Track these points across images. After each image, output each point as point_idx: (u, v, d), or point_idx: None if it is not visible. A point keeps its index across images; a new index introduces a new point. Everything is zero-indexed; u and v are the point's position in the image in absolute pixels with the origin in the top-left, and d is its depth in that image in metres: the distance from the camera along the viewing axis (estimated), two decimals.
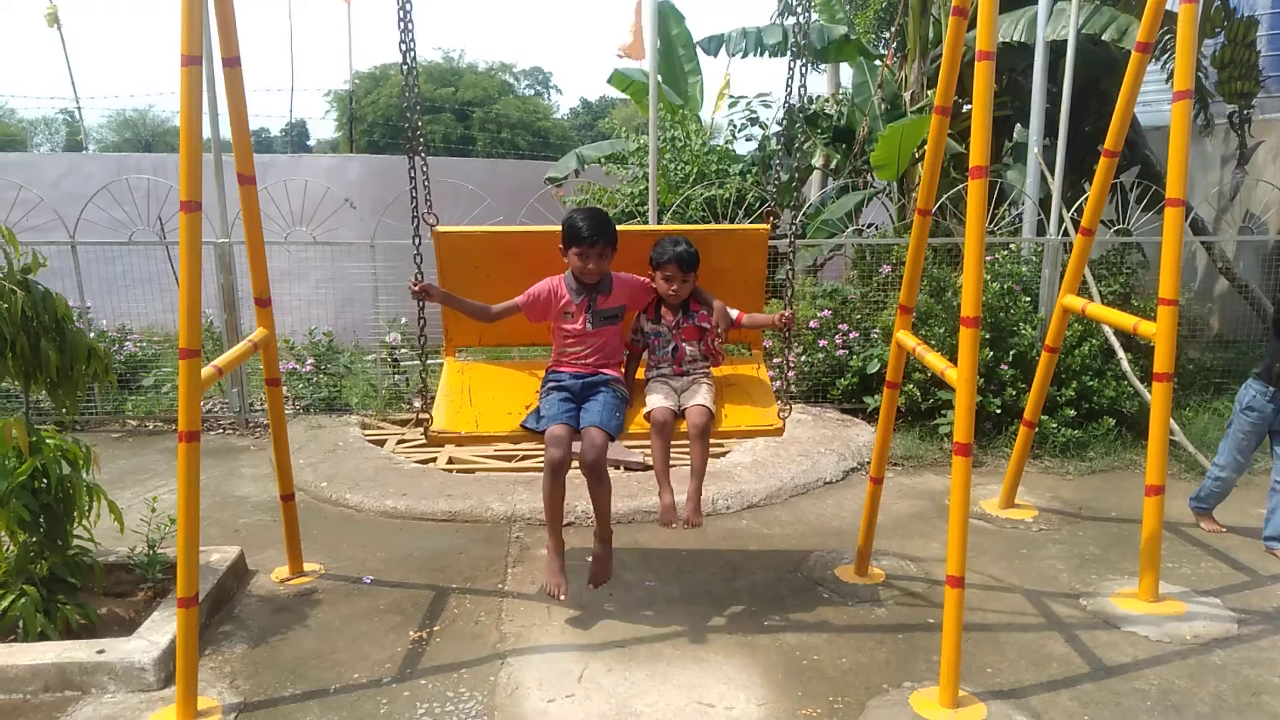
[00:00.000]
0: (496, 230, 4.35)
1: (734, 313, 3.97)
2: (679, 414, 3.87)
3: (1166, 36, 7.81)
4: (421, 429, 3.86)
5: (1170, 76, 8.39)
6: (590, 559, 4.03)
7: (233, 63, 3.64)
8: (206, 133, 6.44)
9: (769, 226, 4.19)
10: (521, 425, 3.86)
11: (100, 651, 3.39)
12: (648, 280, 4.02)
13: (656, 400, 3.88)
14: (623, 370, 4.09)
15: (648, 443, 3.93)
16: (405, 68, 3.54)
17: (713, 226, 6.11)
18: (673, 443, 3.90)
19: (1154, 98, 9.25)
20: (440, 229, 3.99)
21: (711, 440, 3.97)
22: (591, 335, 3.94)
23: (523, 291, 3.95)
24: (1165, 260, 3.74)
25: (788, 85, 3.76)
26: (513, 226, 4.94)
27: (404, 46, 3.49)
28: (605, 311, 3.95)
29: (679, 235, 3.96)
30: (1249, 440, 4.83)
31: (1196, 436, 6.32)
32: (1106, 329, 6.62)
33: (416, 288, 3.74)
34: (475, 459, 6.29)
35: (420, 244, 3.67)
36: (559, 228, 3.92)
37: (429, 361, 4.11)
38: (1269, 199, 8.13)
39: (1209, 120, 8.78)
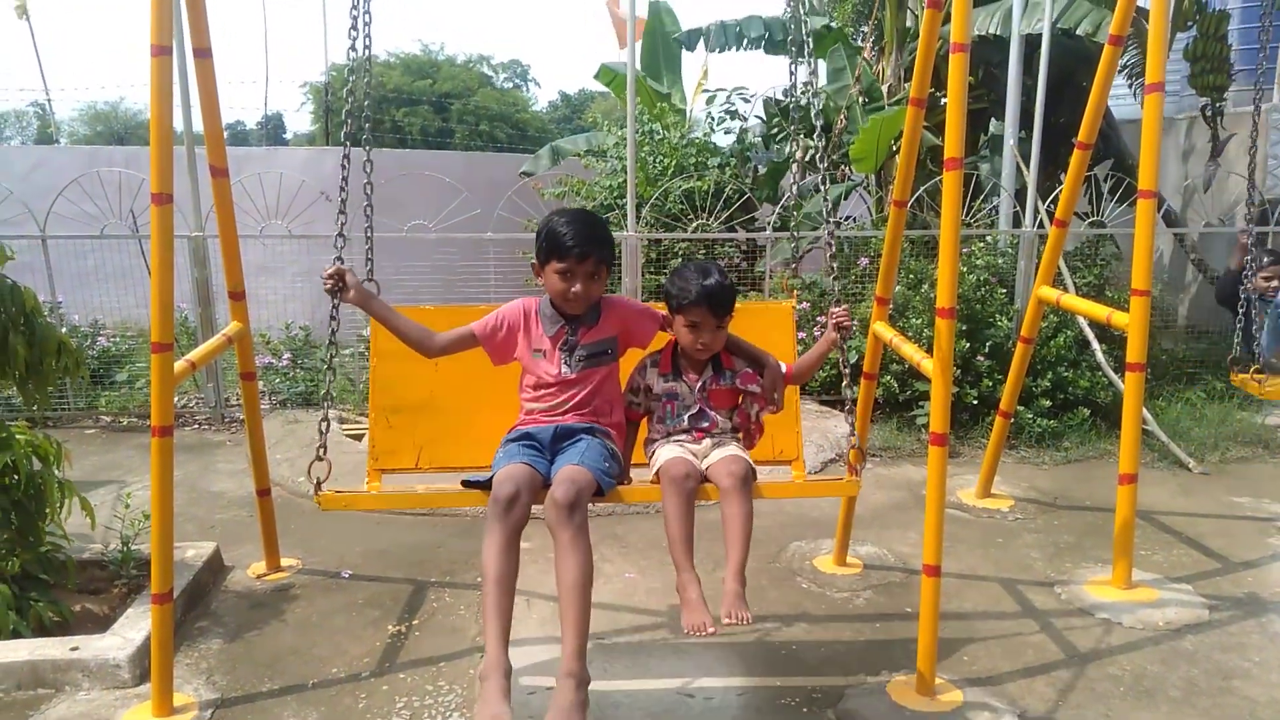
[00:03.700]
0: (450, 308, 3.51)
1: (782, 366, 3.07)
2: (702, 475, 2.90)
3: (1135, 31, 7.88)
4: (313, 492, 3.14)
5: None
6: (554, 700, 2.47)
7: (204, 54, 3.60)
8: (179, 125, 6.40)
9: (794, 300, 3.66)
10: (463, 481, 2.95)
11: (74, 649, 3.36)
12: (653, 308, 3.08)
13: (671, 451, 2.92)
14: (620, 435, 3.09)
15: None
16: (351, 68, 3.15)
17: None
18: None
19: (1127, 90, 9.33)
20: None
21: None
22: (572, 383, 2.95)
23: (487, 324, 3.04)
24: (1137, 252, 3.77)
25: (791, 82, 3.57)
26: (473, 304, 3.70)
27: (355, 39, 3.16)
28: (590, 348, 2.96)
29: (706, 261, 3.13)
30: None
31: (1169, 426, 6.40)
32: (1081, 320, 6.68)
33: (330, 271, 2.89)
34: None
35: (344, 225, 3.09)
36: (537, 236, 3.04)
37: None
38: (1240, 191, 8.23)
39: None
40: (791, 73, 3.61)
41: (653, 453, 3.03)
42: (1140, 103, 8.38)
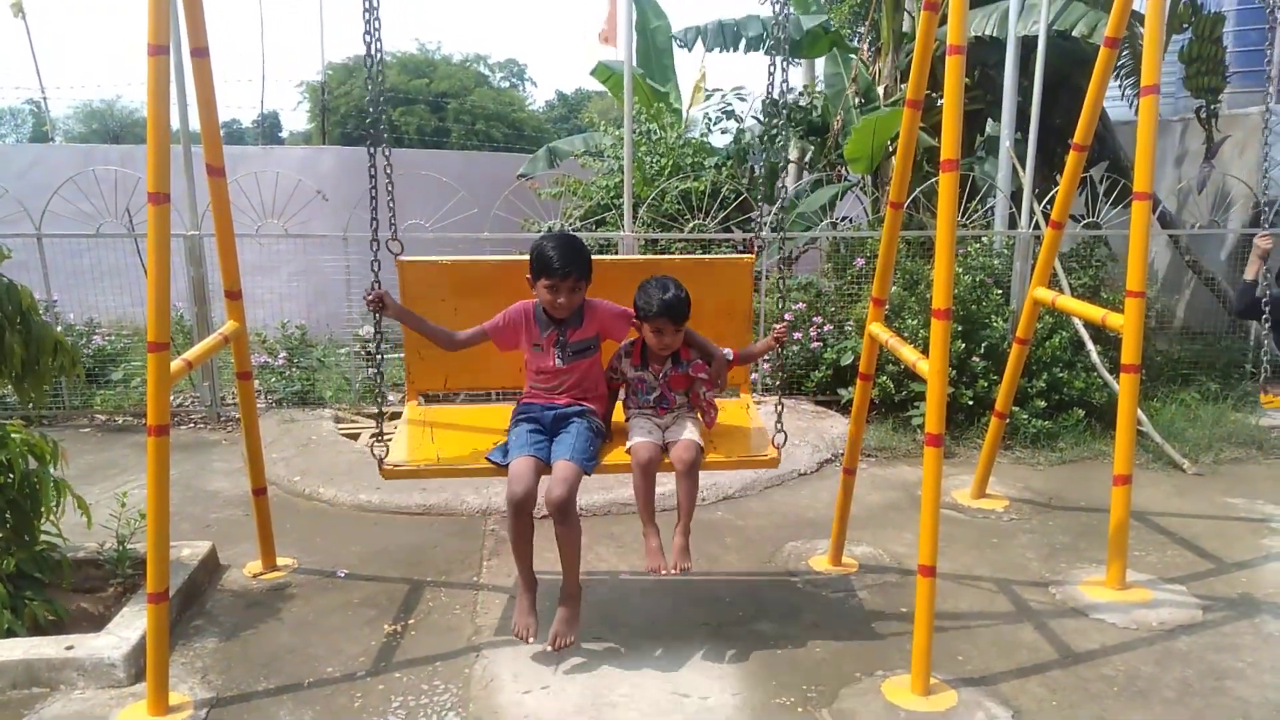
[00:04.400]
0: (465, 260, 4.05)
1: (727, 353, 3.69)
2: (664, 449, 3.58)
3: (1128, 35, 7.90)
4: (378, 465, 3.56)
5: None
6: (557, 613, 3.54)
7: (201, 53, 3.59)
8: (175, 124, 6.39)
9: (754, 257, 3.95)
10: (486, 458, 3.55)
11: (69, 648, 3.36)
12: (627, 310, 3.66)
13: (640, 435, 3.57)
14: (602, 404, 3.78)
15: (625, 478, 3.66)
16: (370, 61, 3.31)
17: (693, 258, 5.27)
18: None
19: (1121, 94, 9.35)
20: (405, 259, 3.80)
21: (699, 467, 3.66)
22: (564, 371, 3.63)
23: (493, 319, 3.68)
24: (1132, 253, 3.79)
25: (769, 81, 3.60)
26: (484, 257, 4.44)
27: (369, 40, 3.29)
28: (577, 345, 3.62)
29: (665, 277, 3.59)
30: None
31: (1164, 427, 6.42)
32: (1076, 321, 6.70)
33: (371, 296, 3.42)
34: None
35: (379, 249, 3.43)
36: (529, 257, 3.59)
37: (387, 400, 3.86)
38: (1235, 192, 8.26)
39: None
40: (770, 74, 3.61)
41: (628, 419, 3.75)
42: (1134, 105, 8.42)
